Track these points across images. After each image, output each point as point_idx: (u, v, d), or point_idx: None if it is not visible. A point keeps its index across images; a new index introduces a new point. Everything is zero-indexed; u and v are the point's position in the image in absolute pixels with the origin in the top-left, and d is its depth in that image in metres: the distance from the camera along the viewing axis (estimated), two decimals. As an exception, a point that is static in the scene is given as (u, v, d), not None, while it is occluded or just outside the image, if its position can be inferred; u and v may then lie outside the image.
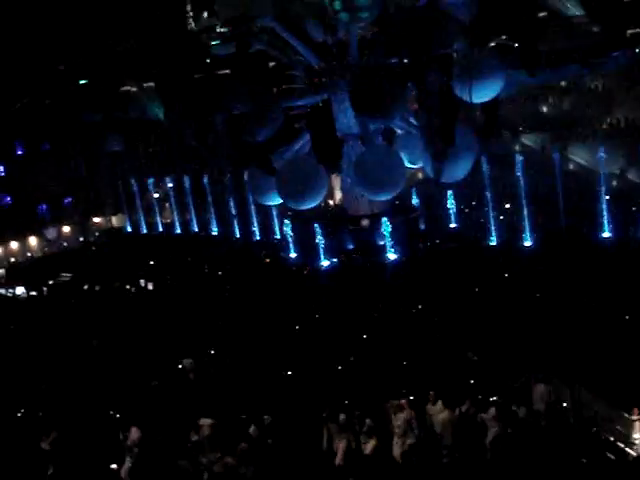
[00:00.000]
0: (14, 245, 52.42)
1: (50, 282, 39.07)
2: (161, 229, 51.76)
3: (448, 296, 26.49)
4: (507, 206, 40.24)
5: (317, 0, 27.24)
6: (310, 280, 32.49)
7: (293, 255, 36.55)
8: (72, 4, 46.78)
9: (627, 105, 48.53)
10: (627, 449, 16.17)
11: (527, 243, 33.62)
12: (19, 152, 52.82)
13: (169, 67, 41.02)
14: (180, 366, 22.62)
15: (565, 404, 17.94)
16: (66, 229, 54.94)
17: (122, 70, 48.73)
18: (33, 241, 53.48)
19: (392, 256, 33.37)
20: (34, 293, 38.23)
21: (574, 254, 29.42)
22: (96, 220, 56.38)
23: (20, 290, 39.20)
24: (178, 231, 49.54)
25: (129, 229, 53.32)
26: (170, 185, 51.61)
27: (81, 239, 54.72)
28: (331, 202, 48.05)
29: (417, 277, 29.72)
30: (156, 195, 53.99)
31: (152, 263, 39.86)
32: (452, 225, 38.45)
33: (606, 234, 33.44)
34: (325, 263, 34.29)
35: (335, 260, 34.32)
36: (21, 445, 17.93)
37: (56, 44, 47.07)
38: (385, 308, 26.51)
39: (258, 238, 43.35)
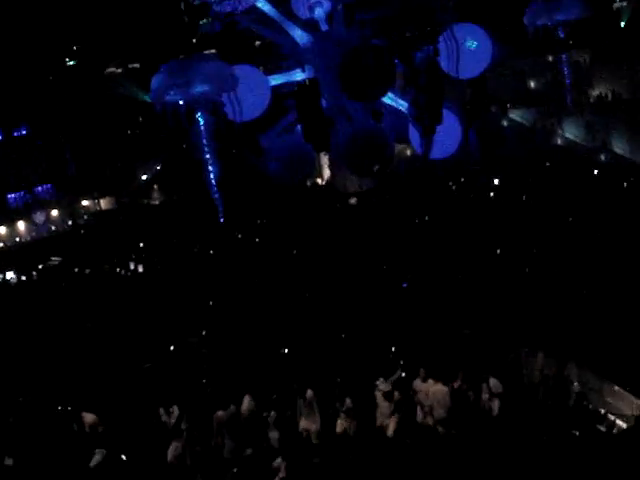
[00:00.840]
0: (2, 230, 52.24)
1: (40, 266, 38.99)
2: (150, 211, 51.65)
3: (439, 269, 26.58)
4: (496, 182, 40.37)
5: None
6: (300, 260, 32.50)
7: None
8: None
9: (612, 78, 48.57)
10: (618, 421, 16.30)
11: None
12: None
13: (155, 47, 40.71)
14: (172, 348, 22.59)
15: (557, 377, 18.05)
16: (54, 213, 54.76)
17: (107, 51, 48.39)
18: (21, 226, 53.30)
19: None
20: (24, 278, 38.16)
21: (565, 227, 29.57)
22: (84, 203, 56.16)
23: (10, 275, 39.13)
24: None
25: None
26: (158, 167, 51.49)
27: (69, 222, 54.55)
28: (319, 180, 48.06)
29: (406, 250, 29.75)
30: (144, 177, 53.86)
31: (142, 245, 39.81)
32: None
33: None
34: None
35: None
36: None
37: (42, 26, 46.68)
38: (376, 282, 26.57)
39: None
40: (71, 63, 50.22)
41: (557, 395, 17.41)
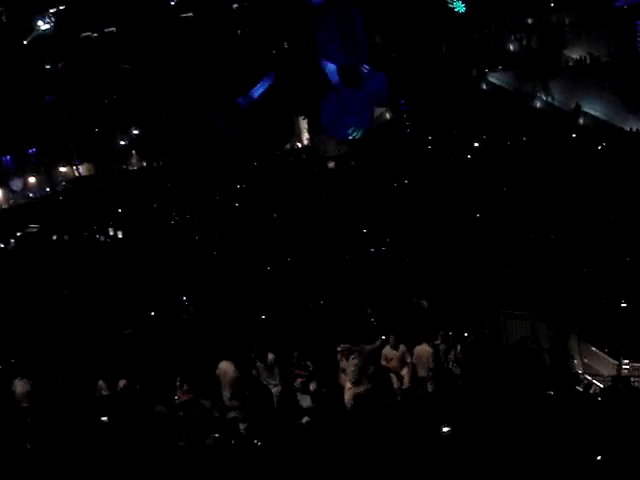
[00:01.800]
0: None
1: (18, 234, 38.75)
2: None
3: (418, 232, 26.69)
4: (476, 145, 40.41)
5: None
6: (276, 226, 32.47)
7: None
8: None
9: (591, 41, 48.51)
10: (595, 381, 16.52)
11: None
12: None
13: (133, 11, 40.25)
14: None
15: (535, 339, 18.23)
16: (32, 179, 54.26)
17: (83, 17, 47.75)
18: (-2, 193, 52.88)
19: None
20: (2, 245, 37.94)
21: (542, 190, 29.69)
22: (62, 169, 55.63)
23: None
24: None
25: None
26: (136, 132, 51.10)
27: (47, 189, 54.09)
28: (299, 144, 47.92)
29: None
30: (122, 142, 53.49)
31: (121, 211, 39.62)
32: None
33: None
34: None
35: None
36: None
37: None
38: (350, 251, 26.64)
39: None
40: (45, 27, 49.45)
41: (536, 356, 17.63)
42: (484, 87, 49.74)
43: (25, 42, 49.66)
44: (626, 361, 16.92)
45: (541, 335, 18.25)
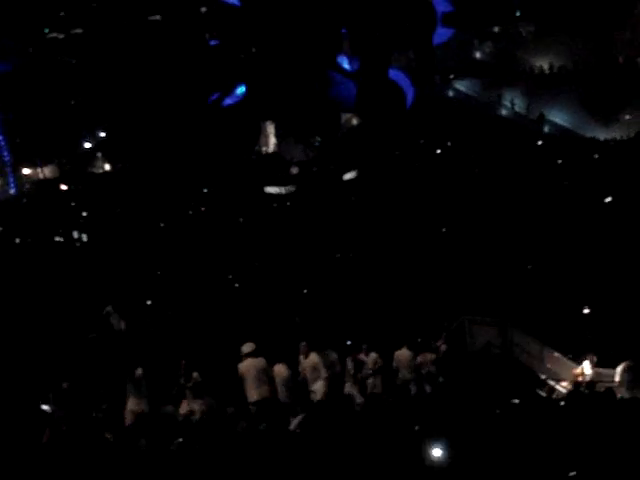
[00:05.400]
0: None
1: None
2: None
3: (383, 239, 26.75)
4: (438, 151, 40.65)
5: None
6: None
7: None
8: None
9: (556, 50, 49.09)
10: (557, 387, 16.67)
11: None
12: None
13: (100, 12, 39.99)
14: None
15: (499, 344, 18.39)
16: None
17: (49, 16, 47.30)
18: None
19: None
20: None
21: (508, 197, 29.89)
22: (26, 172, 54.91)
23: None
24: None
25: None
26: (102, 134, 50.74)
27: (11, 191, 53.41)
28: (265, 149, 47.87)
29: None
30: (88, 145, 53.09)
31: (86, 214, 39.25)
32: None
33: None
34: None
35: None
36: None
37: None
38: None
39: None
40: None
41: (500, 362, 17.76)
42: (450, 94, 50.12)
43: None
44: (589, 366, 17.09)
45: (505, 340, 18.41)
